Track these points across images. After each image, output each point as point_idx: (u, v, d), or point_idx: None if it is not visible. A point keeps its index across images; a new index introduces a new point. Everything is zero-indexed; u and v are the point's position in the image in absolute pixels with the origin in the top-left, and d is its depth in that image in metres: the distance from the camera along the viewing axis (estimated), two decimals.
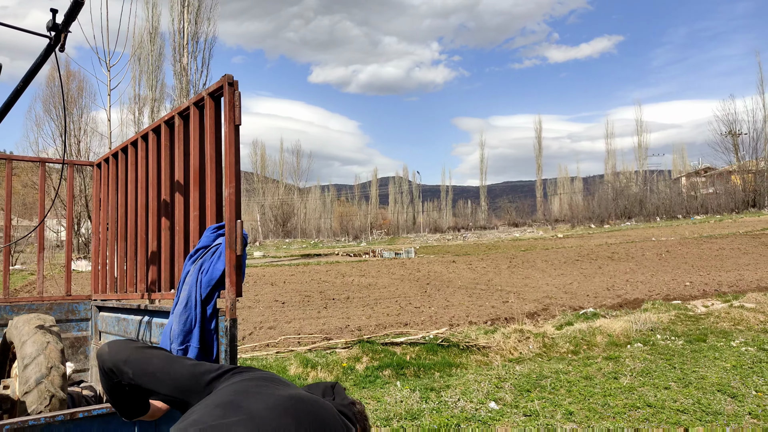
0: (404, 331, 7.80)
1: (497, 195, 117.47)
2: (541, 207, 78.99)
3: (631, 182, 70.83)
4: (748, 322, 8.05)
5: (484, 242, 45.39)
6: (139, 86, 35.27)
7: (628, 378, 5.56)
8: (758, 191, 55.49)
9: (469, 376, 5.90)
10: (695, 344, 6.97)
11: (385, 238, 67.46)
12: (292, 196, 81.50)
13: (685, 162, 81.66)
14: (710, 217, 51.81)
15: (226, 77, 2.38)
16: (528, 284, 14.23)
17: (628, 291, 11.97)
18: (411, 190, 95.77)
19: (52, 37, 2.11)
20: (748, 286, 11.37)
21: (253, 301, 12.91)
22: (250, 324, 9.53)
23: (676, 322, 8.16)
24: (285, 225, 73.06)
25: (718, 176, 63.15)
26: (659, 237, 32.56)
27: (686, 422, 4.36)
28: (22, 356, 2.57)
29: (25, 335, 2.65)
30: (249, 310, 11.39)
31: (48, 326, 2.77)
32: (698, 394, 5.00)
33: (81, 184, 29.98)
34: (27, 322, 2.77)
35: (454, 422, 4.47)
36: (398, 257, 31.31)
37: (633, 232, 42.21)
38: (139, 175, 3.38)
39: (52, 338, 2.65)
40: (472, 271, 18.96)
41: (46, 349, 2.58)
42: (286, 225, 73.29)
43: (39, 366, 2.51)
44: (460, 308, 10.58)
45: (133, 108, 34.71)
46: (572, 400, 4.98)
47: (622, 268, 17.06)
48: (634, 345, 7.07)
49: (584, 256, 22.64)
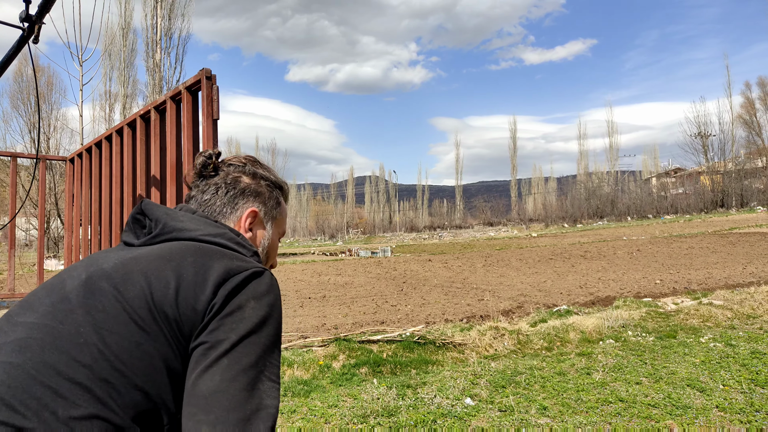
0: (381, 329, 7.82)
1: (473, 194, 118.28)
2: (516, 206, 79.82)
3: (603, 182, 72.00)
4: (716, 318, 8.25)
5: (459, 241, 45.69)
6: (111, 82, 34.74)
7: (600, 373, 5.66)
8: (726, 192, 56.89)
9: (445, 372, 5.94)
10: (665, 340, 7.12)
11: (361, 237, 67.43)
12: None
13: (656, 163, 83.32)
14: (680, 216, 52.94)
15: (203, 71, 2.36)
16: (503, 282, 14.37)
17: (600, 289, 12.17)
18: (387, 189, 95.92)
19: (26, 28, 2.07)
20: (716, 284, 11.65)
21: None
22: None
23: (647, 318, 8.33)
24: None
25: (688, 177, 64.56)
26: (630, 236, 33.17)
27: (657, 416, 4.46)
28: None
29: None
30: None
31: None
32: (668, 389, 5.11)
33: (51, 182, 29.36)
34: None
35: (430, 418, 4.50)
36: (375, 256, 31.34)
37: (605, 231, 42.92)
38: (113, 170, 3.32)
39: None
40: (448, 269, 19.07)
41: None
42: None
43: None
44: (436, 306, 10.64)
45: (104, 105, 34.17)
46: (546, 395, 5.05)
47: (595, 267, 17.34)
48: (606, 341, 7.19)
49: (558, 254, 22.95)
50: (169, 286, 1.00)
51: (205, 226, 1.16)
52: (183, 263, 1.03)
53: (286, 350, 6.73)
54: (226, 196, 1.26)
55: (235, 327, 0.97)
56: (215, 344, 0.95)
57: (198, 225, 1.15)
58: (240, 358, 0.94)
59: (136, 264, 1.04)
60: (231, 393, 0.90)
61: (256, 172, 1.33)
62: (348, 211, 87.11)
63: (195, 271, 1.02)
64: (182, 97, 2.65)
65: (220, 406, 0.88)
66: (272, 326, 1.02)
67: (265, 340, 0.99)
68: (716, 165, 60.80)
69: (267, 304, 1.03)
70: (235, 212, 1.26)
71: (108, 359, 0.92)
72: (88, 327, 0.95)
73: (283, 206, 1.40)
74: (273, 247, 1.37)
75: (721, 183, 57.83)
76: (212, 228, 1.16)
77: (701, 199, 57.19)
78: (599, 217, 61.97)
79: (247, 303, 1.00)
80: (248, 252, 1.16)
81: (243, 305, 1.00)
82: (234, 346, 0.95)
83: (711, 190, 57.87)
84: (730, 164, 59.18)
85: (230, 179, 1.29)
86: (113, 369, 0.91)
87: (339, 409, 4.82)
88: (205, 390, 0.90)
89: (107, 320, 0.95)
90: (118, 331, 0.94)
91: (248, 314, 0.99)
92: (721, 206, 55.93)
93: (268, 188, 1.34)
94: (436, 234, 62.17)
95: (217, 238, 1.13)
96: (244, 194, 1.28)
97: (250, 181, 1.31)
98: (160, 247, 1.09)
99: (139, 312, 0.97)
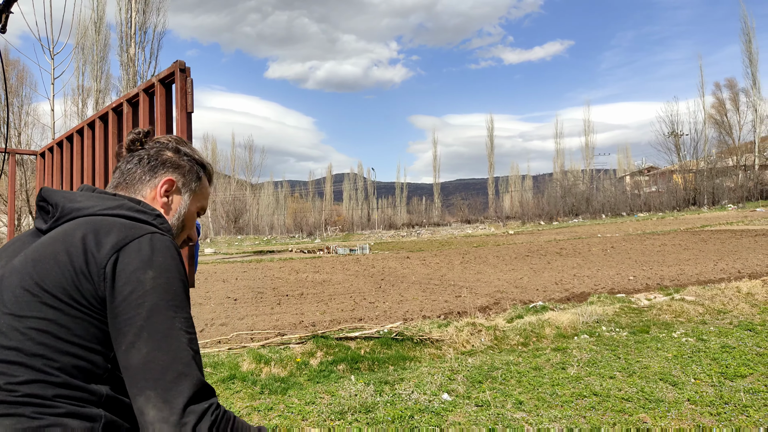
0: (359, 326, 7.81)
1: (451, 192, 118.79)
2: (493, 204, 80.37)
3: (579, 181, 72.91)
4: (688, 314, 8.41)
5: (437, 239, 45.87)
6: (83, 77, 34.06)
7: (575, 368, 5.72)
8: (698, 190, 58.02)
9: (422, 368, 5.96)
10: (639, 335, 7.24)
11: (339, 234, 67.26)
12: (244, 192, 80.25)
13: (630, 161, 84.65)
14: (653, 214, 53.85)
15: (177, 63, 2.32)
16: (480, 279, 14.47)
17: (576, 285, 12.32)
18: (366, 186, 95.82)
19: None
20: (688, 280, 11.88)
21: (204, 297, 12.67)
22: (200, 321, 9.35)
23: (621, 314, 8.45)
24: (237, 221, 71.89)
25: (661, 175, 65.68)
26: (605, 233, 33.64)
27: (630, 410, 4.53)
28: None
29: None
30: (200, 306, 11.17)
31: None
32: (641, 383, 5.20)
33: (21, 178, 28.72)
34: None
35: (408, 414, 4.51)
36: (353, 253, 31.30)
37: (580, 228, 43.47)
38: (85, 164, 3.26)
39: None
40: (426, 266, 19.13)
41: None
42: (238, 221, 72.13)
43: None
44: (414, 303, 10.66)
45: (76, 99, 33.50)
46: (522, 390, 5.09)
47: (570, 263, 17.55)
48: (581, 336, 7.28)
49: (534, 251, 23.18)
50: (65, 265, 1.08)
51: (101, 202, 1.22)
52: (74, 242, 1.11)
53: (263, 348, 6.69)
54: (147, 165, 1.35)
55: (142, 300, 1.06)
56: (130, 320, 1.05)
57: (95, 202, 1.22)
58: (156, 327, 1.05)
59: (37, 252, 1.13)
60: (159, 360, 1.02)
61: (179, 149, 1.41)
62: (326, 208, 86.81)
63: (85, 247, 1.10)
64: (155, 90, 2.60)
65: (154, 372, 1.01)
66: (174, 286, 1.11)
67: (172, 302, 1.08)
68: (688, 164, 61.99)
69: (163, 268, 1.10)
70: (154, 179, 1.35)
71: (32, 338, 1.04)
72: (5, 318, 1.07)
73: (205, 182, 1.46)
74: (190, 217, 1.42)
75: (693, 181, 58.97)
76: (109, 202, 1.22)
77: (674, 197, 58.25)
78: (575, 214, 62.74)
79: (144, 273, 1.08)
80: (149, 216, 1.23)
81: (141, 278, 1.08)
82: (147, 319, 1.05)
83: (683, 189, 58.98)
84: (702, 163, 60.36)
85: (153, 152, 1.38)
86: (39, 344, 1.04)
87: (316, 406, 4.80)
88: (136, 363, 1.02)
89: (23, 308, 1.06)
90: (34, 315, 1.06)
91: (149, 285, 1.07)
92: (693, 204, 57.04)
93: (189, 163, 1.41)
94: (415, 231, 62.31)
95: (115, 210, 1.20)
96: (164, 165, 1.37)
97: (172, 155, 1.39)
98: (56, 231, 1.16)
99: (45, 295, 1.07)
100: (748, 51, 59.11)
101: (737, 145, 61.78)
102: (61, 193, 1.24)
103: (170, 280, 1.10)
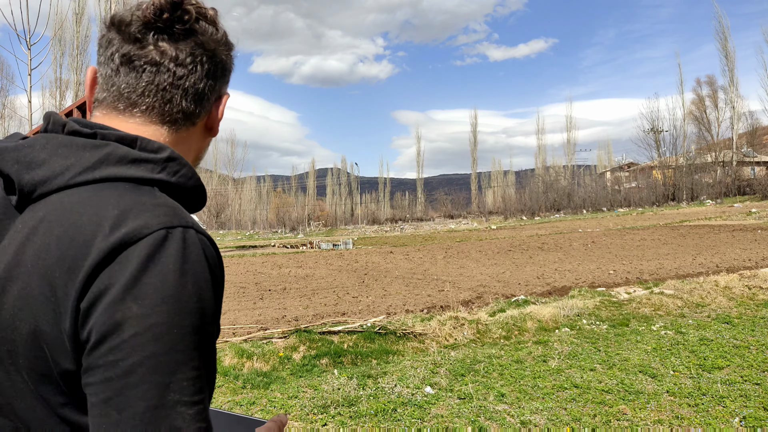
0: (342, 320, 7.80)
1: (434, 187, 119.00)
2: (476, 199, 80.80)
3: (560, 176, 73.58)
4: (667, 307, 8.54)
5: (421, 233, 46.00)
6: (61, 69, 33.54)
7: (556, 361, 5.78)
8: (677, 186, 58.86)
9: (405, 362, 5.98)
10: (618, 328, 7.33)
11: (323, 229, 67.14)
12: (226, 186, 79.74)
13: (610, 157, 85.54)
14: (633, 210, 54.55)
15: None
16: (463, 273, 14.54)
17: (557, 279, 12.44)
18: (349, 181, 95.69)
19: None
20: (667, 274, 12.05)
21: None
22: None
23: (601, 307, 8.55)
24: (219, 216, 71.38)
25: (641, 171, 66.44)
26: (585, 228, 34.01)
27: (611, 401, 4.59)
28: None
29: None
30: None
31: None
32: (621, 375, 5.27)
33: None
34: None
35: (391, 407, 4.52)
36: (336, 248, 31.26)
37: (561, 223, 43.89)
38: None
39: None
40: (409, 261, 19.18)
41: None
42: (219, 216, 71.62)
43: None
44: (397, 297, 10.68)
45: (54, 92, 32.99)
46: (504, 383, 5.13)
47: (551, 258, 17.71)
48: (562, 330, 7.35)
49: (516, 246, 23.36)
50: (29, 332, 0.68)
51: (76, 158, 0.74)
52: (37, 276, 0.69)
53: (246, 342, 6.65)
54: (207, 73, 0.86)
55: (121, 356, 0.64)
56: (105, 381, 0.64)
57: (66, 160, 0.74)
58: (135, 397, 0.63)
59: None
60: None
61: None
62: (309, 203, 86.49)
63: (53, 286, 0.67)
64: None
65: None
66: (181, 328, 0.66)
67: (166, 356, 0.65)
68: (668, 160, 62.81)
69: (169, 301, 0.66)
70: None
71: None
72: None
73: None
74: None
75: (673, 177, 59.79)
76: (88, 156, 0.74)
77: (653, 193, 59.02)
78: (556, 210, 63.29)
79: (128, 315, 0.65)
80: (155, 167, 0.77)
81: (122, 322, 0.64)
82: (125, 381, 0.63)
83: (663, 184, 59.77)
84: (681, 159, 61.21)
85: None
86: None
87: (299, 400, 4.79)
88: None
89: None
90: None
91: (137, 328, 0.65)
92: (672, 200, 57.84)
93: None
94: (398, 226, 62.42)
95: (96, 173, 0.73)
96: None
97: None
98: (16, 238, 0.73)
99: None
100: (725, 49, 60.03)
101: (716, 141, 62.75)
102: (12, 152, 0.75)
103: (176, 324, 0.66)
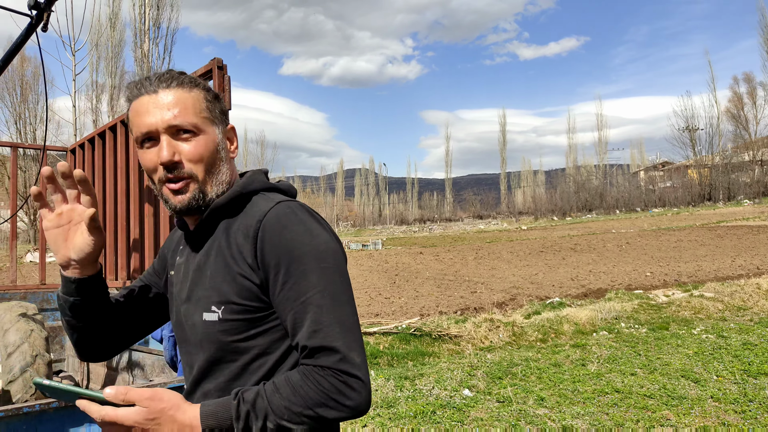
0: (376, 322, 7.83)
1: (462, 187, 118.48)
2: (505, 199, 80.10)
3: (592, 176, 72.40)
4: (707, 310, 8.35)
5: (450, 234, 45.79)
6: (97, 73, 34.29)
7: (595, 365, 5.71)
8: (714, 185, 57.38)
9: (441, 364, 5.97)
10: (658, 332, 7.20)
11: (351, 229, 67.38)
12: None
13: (643, 156, 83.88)
14: (668, 210, 53.40)
15: (215, 60, 2.34)
16: (494, 275, 14.43)
17: (592, 281, 12.26)
18: (377, 182, 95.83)
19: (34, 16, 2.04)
20: (706, 276, 11.78)
21: None
22: None
23: (639, 311, 8.41)
24: None
25: (676, 170, 65.00)
26: (619, 229, 33.41)
27: (653, 406, 4.51)
28: (5, 344, 2.47)
29: (8, 323, 2.55)
30: None
31: (31, 314, 2.67)
32: (663, 380, 5.17)
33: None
34: (8, 310, 2.66)
35: (429, 409, 4.52)
36: (366, 249, 31.34)
37: (594, 224, 43.18)
38: (118, 160, 3.29)
39: (36, 326, 2.56)
40: (440, 262, 19.12)
41: (30, 337, 2.48)
42: None
43: (23, 354, 2.41)
44: (429, 298, 10.67)
45: (90, 95, 33.78)
46: (543, 387, 5.09)
47: (585, 259, 17.46)
48: (600, 333, 7.25)
49: (548, 247, 23.08)
50: None
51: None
52: None
53: None
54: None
55: None
56: None
57: None
58: None
59: None
60: None
61: None
62: (338, 203, 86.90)
63: None
64: None
65: None
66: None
67: None
68: (704, 159, 61.24)
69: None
70: None
71: None
72: None
73: (133, 106, 1.18)
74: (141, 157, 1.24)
75: (709, 176, 58.30)
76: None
77: (689, 193, 57.66)
78: (588, 210, 62.32)
79: None
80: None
81: None
82: None
83: (698, 184, 58.34)
84: (717, 158, 59.65)
85: None
86: None
87: None
88: None
89: None
90: None
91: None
92: (709, 200, 56.43)
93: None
94: (427, 227, 62.26)
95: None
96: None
97: None
98: None
99: None
100: (766, 44, 58.23)
101: (753, 139, 60.98)
102: None
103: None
